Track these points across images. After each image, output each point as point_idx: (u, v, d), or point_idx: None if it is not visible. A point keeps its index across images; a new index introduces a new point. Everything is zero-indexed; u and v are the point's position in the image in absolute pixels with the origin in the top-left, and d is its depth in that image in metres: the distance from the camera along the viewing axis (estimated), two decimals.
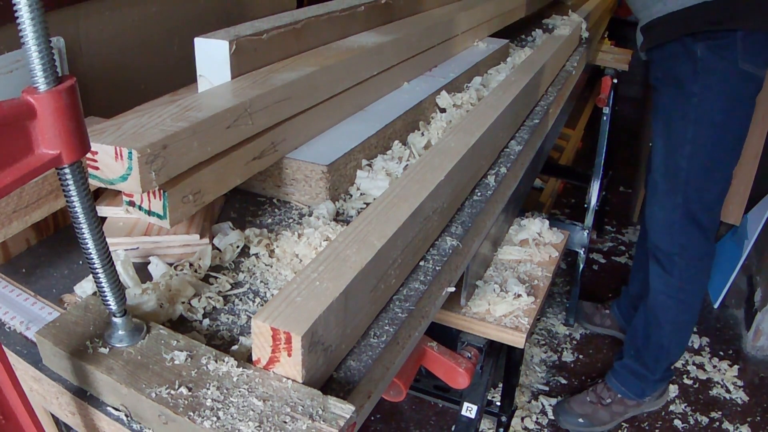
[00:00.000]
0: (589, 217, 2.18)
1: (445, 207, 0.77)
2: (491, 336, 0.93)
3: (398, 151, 0.96)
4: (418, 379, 1.43)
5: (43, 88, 0.42)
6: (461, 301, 0.92)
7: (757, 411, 1.97)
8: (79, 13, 1.22)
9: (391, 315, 0.64)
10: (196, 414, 0.47)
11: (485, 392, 1.15)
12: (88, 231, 0.49)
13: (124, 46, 1.35)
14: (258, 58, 0.87)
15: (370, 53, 1.01)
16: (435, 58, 1.26)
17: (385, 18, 1.20)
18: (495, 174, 0.93)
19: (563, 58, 1.51)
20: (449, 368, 0.96)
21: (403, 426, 1.87)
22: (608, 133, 2.13)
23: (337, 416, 0.47)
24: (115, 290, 0.52)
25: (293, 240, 0.74)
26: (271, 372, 0.51)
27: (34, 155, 0.43)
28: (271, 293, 0.68)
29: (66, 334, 0.54)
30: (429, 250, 0.74)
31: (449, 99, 1.11)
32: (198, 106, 0.73)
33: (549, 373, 2.12)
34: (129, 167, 0.61)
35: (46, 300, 0.65)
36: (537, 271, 1.02)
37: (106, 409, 0.53)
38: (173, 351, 0.53)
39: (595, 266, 2.67)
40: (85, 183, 0.47)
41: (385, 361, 0.60)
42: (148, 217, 0.68)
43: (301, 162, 0.84)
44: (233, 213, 0.83)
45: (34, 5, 0.40)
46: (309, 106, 0.89)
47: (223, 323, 0.63)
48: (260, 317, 0.49)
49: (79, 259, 0.72)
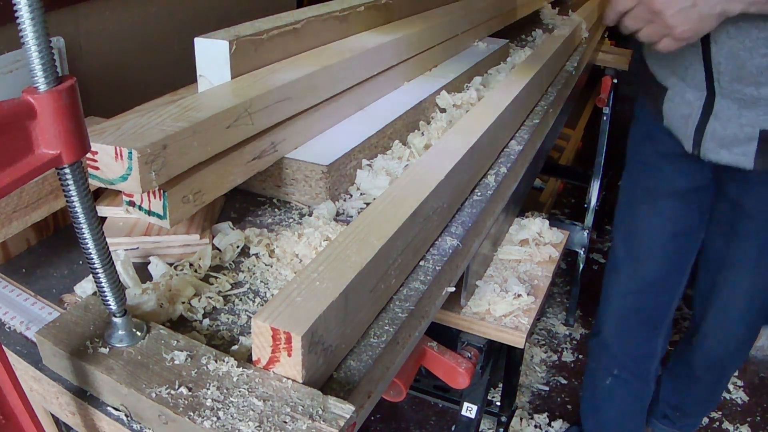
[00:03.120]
0: (589, 217, 2.18)
1: (445, 207, 0.77)
2: (491, 336, 0.93)
3: (398, 151, 0.96)
4: (418, 379, 1.43)
5: (43, 88, 0.42)
6: (461, 301, 0.92)
7: (757, 411, 1.97)
8: (79, 13, 1.22)
9: (391, 315, 0.64)
10: (196, 414, 0.47)
11: (485, 392, 1.15)
12: (88, 231, 0.49)
13: (124, 46, 1.35)
14: (258, 58, 0.87)
15: (370, 53, 1.01)
16: (435, 58, 1.26)
17: (385, 18, 1.20)
18: (495, 174, 0.93)
19: (563, 58, 1.51)
20: (449, 368, 0.96)
21: (403, 426, 1.87)
22: (608, 133, 2.13)
23: (337, 416, 0.48)
24: (115, 290, 0.52)
25: (293, 240, 0.75)
26: (271, 372, 0.51)
27: (34, 155, 0.43)
28: (271, 293, 0.68)
29: (66, 334, 0.54)
30: (429, 250, 0.74)
31: (449, 99, 1.11)
32: (198, 106, 0.73)
33: (549, 373, 2.12)
34: (129, 167, 0.61)
35: (46, 300, 0.65)
36: (537, 271, 1.02)
37: (106, 409, 0.53)
38: (173, 351, 0.53)
39: (595, 266, 2.67)
40: (85, 183, 0.47)
41: (385, 361, 0.60)
42: (148, 217, 0.68)
43: (301, 162, 0.84)
44: (233, 213, 0.83)
45: (34, 5, 0.40)
46: (309, 106, 0.89)
47: (223, 323, 0.63)
48: (260, 317, 0.49)
49: (79, 259, 0.72)
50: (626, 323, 1.55)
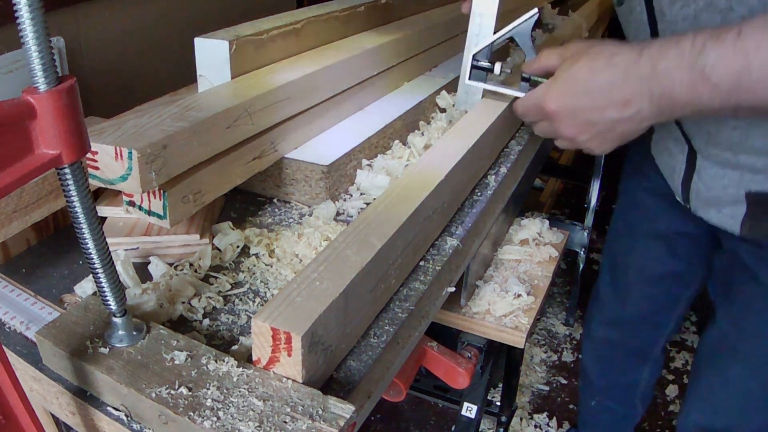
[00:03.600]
0: (589, 217, 2.18)
1: (445, 207, 0.77)
2: (491, 336, 0.93)
3: (398, 151, 0.96)
4: (418, 379, 1.43)
5: (43, 88, 0.42)
6: (461, 301, 0.92)
7: None
8: (79, 13, 1.22)
9: (391, 315, 0.64)
10: (196, 414, 0.47)
11: (485, 392, 1.15)
12: (88, 231, 0.49)
13: (124, 46, 1.35)
14: (258, 58, 0.87)
15: (370, 53, 1.01)
16: (435, 58, 1.26)
17: (385, 18, 1.20)
18: (495, 174, 0.93)
19: None
20: (449, 368, 0.96)
21: (403, 426, 1.87)
22: None
23: (337, 416, 0.48)
24: (115, 290, 0.52)
25: (293, 240, 0.75)
26: (271, 372, 0.51)
27: (34, 155, 0.43)
28: (271, 293, 0.68)
29: (66, 334, 0.54)
30: (429, 250, 0.74)
31: (449, 99, 1.11)
32: (198, 106, 0.73)
33: (549, 373, 2.12)
34: (129, 167, 0.61)
35: (46, 300, 0.65)
36: (537, 271, 1.02)
37: (106, 409, 0.53)
38: (173, 351, 0.53)
39: (595, 266, 2.67)
40: (85, 183, 0.47)
41: (385, 361, 0.60)
42: (148, 217, 0.68)
43: (301, 162, 0.84)
44: (233, 213, 0.83)
45: (34, 5, 0.40)
46: (309, 106, 0.89)
47: (223, 323, 0.63)
48: (260, 317, 0.49)
49: (79, 259, 0.72)
50: (606, 353, 1.47)
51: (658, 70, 0.71)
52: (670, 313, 1.35)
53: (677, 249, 1.24)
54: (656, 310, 1.35)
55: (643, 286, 1.32)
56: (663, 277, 1.29)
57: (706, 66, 0.67)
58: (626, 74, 0.73)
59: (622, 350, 1.44)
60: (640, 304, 1.34)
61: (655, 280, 1.30)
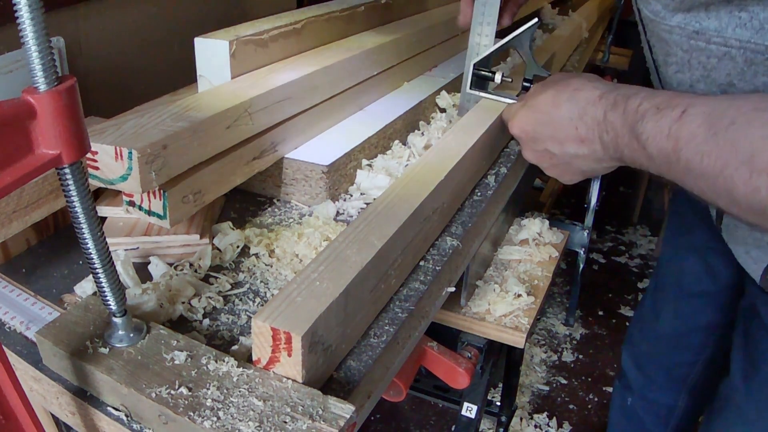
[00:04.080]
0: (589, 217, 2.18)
1: (445, 207, 0.77)
2: (491, 336, 0.93)
3: (398, 151, 0.96)
4: (418, 379, 1.43)
5: (43, 88, 0.42)
6: (461, 301, 0.92)
7: None
8: (79, 13, 1.22)
9: (391, 315, 0.64)
10: (196, 414, 0.47)
11: (485, 392, 1.15)
12: (88, 231, 0.49)
13: (124, 46, 1.35)
14: (258, 58, 0.87)
15: (370, 53, 1.01)
16: (435, 58, 1.26)
17: (385, 18, 1.20)
18: (495, 174, 0.93)
19: (564, 58, 1.51)
20: (449, 368, 0.96)
21: (403, 426, 1.87)
22: None
23: (337, 416, 0.48)
24: (115, 290, 0.52)
25: (293, 240, 0.75)
26: (271, 372, 0.51)
27: (34, 155, 0.43)
28: (271, 293, 0.68)
29: (66, 334, 0.54)
30: (429, 250, 0.74)
31: (449, 99, 1.11)
32: (198, 106, 0.73)
33: (549, 373, 2.12)
34: (129, 167, 0.61)
35: (46, 300, 0.65)
36: (537, 271, 1.02)
37: (106, 409, 0.53)
38: (173, 351, 0.53)
39: (595, 266, 2.68)
40: (85, 183, 0.47)
41: (385, 361, 0.60)
42: (148, 217, 0.68)
43: (301, 162, 0.84)
44: (233, 213, 0.83)
45: (34, 5, 0.40)
46: (309, 106, 0.89)
47: (223, 323, 0.63)
48: (260, 317, 0.49)
49: (79, 259, 0.72)
50: (648, 364, 1.39)
51: (608, 119, 0.69)
52: (705, 336, 1.27)
53: (714, 267, 1.17)
54: (689, 330, 1.28)
55: (674, 303, 1.28)
56: (695, 296, 1.23)
57: (642, 134, 0.64)
58: (583, 113, 0.72)
59: (661, 364, 1.36)
60: (669, 322, 1.29)
61: (687, 297, 1.25)
